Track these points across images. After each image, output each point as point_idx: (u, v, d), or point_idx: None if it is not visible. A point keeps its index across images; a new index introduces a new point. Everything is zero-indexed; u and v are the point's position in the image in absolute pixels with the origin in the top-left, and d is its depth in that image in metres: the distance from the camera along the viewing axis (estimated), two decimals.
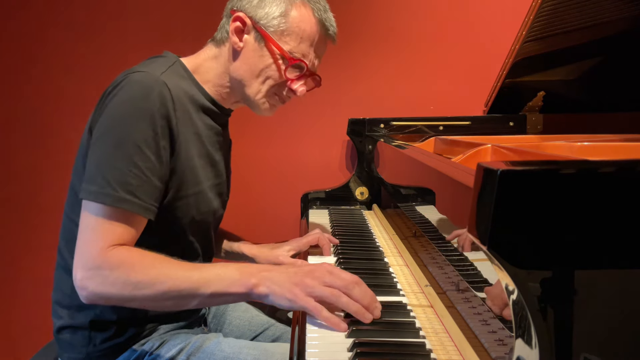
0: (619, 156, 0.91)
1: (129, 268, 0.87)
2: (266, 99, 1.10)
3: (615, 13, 1.34)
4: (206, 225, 1.12)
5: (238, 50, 1.07)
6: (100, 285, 0.87)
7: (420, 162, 1.05)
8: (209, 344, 1.04)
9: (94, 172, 0.91)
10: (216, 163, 1.14)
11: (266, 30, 1.05)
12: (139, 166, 0.91)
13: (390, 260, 1.15)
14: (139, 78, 0.95)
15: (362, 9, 1.83)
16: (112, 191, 0.89)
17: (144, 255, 0.90)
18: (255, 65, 1.06)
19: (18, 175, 1.89)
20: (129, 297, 0.88)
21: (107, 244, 0.88)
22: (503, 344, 0.63)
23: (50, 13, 1.84)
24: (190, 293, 0.87)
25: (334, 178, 1.85)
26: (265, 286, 0.85)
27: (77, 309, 1.03)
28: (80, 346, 1.03)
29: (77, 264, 0.89)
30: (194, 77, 1.09)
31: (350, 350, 0.73)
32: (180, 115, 1.00)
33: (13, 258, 1.88)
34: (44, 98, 1.87)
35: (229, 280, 0.87)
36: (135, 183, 0.91)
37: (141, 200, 0.92)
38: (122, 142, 0.91)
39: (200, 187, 1.06)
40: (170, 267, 0.89)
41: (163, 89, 0.95)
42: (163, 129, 0.95)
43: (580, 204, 0.48)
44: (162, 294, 0.87)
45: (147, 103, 0.93)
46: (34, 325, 1.89)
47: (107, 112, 0.94)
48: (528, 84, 1.60)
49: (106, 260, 0.87)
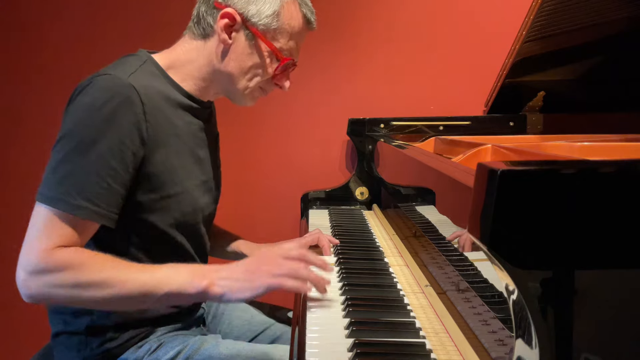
0: (619, 156, 0.91)
1: (77, 269, 0.85)
2: (252, 93, 1.11)
3: (615, 13, 1.34)
4: (194, 224, 1.09)
5: (226, 47, 1.04)
6: (44, 287, 0.86)
7: (420, 162, 1.05)
8: (207, 346, 1.04)
9: (51, 176, 0.89)
10: (201, 160, 1.11)
11: (257, 29, 1.04)
12: (99, 174, 0.89)
13: (390, 260, 1.15)
14: (104, 83, 0.92)
15: (362, 9, 1.83)
16: (68, 198, 0.87)
17: (92, 257, 0.88)
18: (244, 63, 1.05)
19: (18, 175, 1.89)
20: (76, 298, 0.87)
21: (51, 245, 0.86)
22: (503, 344, 0.63)
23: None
24: (140, 294, 0.87)
25: (334, 178, 1.85)
26: (218, 286, 0.87)
27: (72, 315, 1.01)
28: (77, 350, 1.02)
29: (20, 263, 0.87)
30: (167, 75, 1.05)
31: (350, 350, 0.73)
32: (151, 119, 0.96)
33: (12, 259, 1.88)
34: (42, 95, 1.87)
35: (180, 282, 0.87)
36: (95, 191, 0.88)
37: (100, 208, 0.89)
38: (84, 148, 0.88)
39: (180, 187, 1.03)
40: (121, 269, 0.88)
41: (131, 93, 0.92)
42: (130, 135, 0.92)
43: (580, 204, 0.48)
44: (111, 296, 0.86)
45: (111, 109, 0.90)
46: (32, 328, 1.89)
47: (70, 115, 0.92)
48: (528, 84, 1.60)
49: (51, 262, 0.85)
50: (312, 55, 1.83)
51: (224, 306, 1.32)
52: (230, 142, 1.85)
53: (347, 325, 0.81)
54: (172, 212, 1.02)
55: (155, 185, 0.98)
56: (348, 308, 0.86)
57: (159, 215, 1.00)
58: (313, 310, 0.88)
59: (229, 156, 1.85)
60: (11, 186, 1.90)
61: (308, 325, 0.82)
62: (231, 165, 1.87)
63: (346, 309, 0.86)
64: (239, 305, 1.33)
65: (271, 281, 0.87)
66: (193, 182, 1.07)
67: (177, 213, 1.02)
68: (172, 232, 1.03)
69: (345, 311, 0.86)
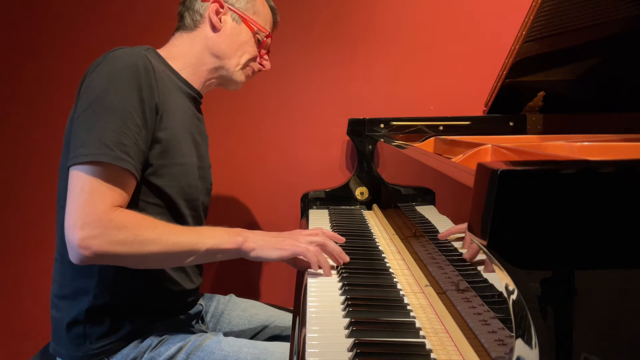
0: (619, 156, 0.91)
1: (135, 227, 0.93)
2: (242, 71, 1.25)
3: (615, 13, 1.34)
4: (196, 200, 1.16)
5: (218, 29, 1.20)
6: (107, 244, 0.91)
7: (420, 162, 1.05)
8: (209, 343, 1.04)
9: (86, 138, 0.94)
10: (198, 145, 1.19)
11: (242, 12, 1.22)
12: (130, 129, 0.96)
13: (390, 260, 1.15)
14: (121, 54, 1.01)
15: (363, 9, 1.83)
16: (109, 151, 0.93)
17: (145, 217, 0.97)
18: (235, 41, 1.21)
19: (17, 173, 1.89)
20: (135, 254, 0.93)
21: (109, 205, 0.92)
22: (503, 344, 0.63)
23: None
24: (189, 249, 0.97)
25: (334, 178, 1.85)
26: (251, 241, 0.99)
27: (72, 298, 1.04)
28: (77, 344, 1.03)
29: (76, 224, 0.90)
30: (168, 63, 1.17)
31: (350, 350, 0.73)
32: (161, 86, 1.05)
33: (12, 258, 1.88)
34: (43, 90, 1.87)
35: (220, 239, 0.99)
36: (129, 144, 0.95)
37: (134, 161, 0.96)
38: (112, 108, 0.95)
39: (185, 159, 1.11)
40: (171, 228, 0.98)
41: (145, 61, 1.01)
42: (148, 97, 1.00)
43: (580, 204, 0.48)
44: (165, 250, 0.95)
45: (131, 72, 0.98)
46: (32, 328, 1.89)
47: (92, 85, 0.98)
48: (528, 84, 1.60)
49: (113, 221, 0.91)
50: (313, 56, 1.83)
51: (223, 306, 1.32)
52: (230, 142, 1.86)
53: (347, 325, 0.81)
54: (179, 179, 1.09)
55: (165, 150, 1.05)
56: (348, 308, 0.86)
57: (166, 181, 1.06)
58: (313, 310, 0.88)
59: (229, 156, 1.86)
60: (10, 185, 1.90)
61: (308, 325, 0.82)
62: (231, 165, 1.87)
63: (346, 308, 0.86)
64: (239, 304, 1.33)
65: (297, 249, 1.00)
66: (192, 160, 1.14)
67: (183, 182, 1.10)
68: (179, 204, 1.09)
69: (345, 311, 0.86)
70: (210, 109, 1.82)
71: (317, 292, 0.95)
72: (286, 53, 1.81)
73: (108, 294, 1.03)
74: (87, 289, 1.02)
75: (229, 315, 1.30)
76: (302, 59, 1.84)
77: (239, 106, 1.84)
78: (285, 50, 1.81)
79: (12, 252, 1.88)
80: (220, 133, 1.82)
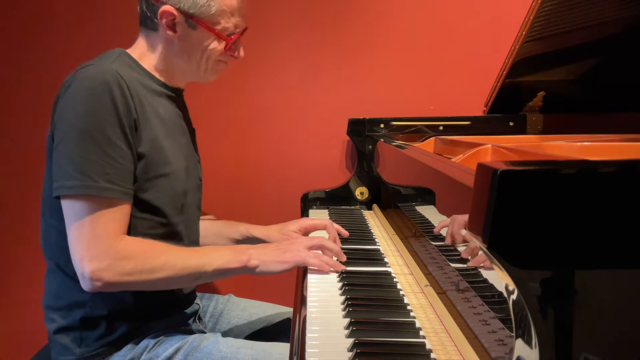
0: (619, 156, 0.91)
1: (143, 257, 0.95)
2: (212, 70, 1.16)
3: (615, 13, 1.34)
4: (186, 204, 1.14)
5: (175, 36, 1.09)
6: (117, 275, 0.93)
7: (420, 162, 1.05)
8: (207, 343, 1.04)
9: (68, 169, 0.93)
10: (182, 146, 1.16)
11: (198, 18, 1.08)
12: (111, 155, 0.95)
13: (390, 260, 1.15)
14: (90, 73, 0.98)
15: (363, 9, 1.83)
16: (93, 183, 0.93)
17: (152, 244, 0.99)
18: (194, 50, 1.11)
19: (13, 177, 1.89)
20: (145, 282, 0.96)
21: (113, 236, 0.94)
22: (503, 344, 0.63)
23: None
24: (196, 271, 0.99)
25: (334, 178, 1.85)
26: (255, 259, 1.01)
27: (67, 309, 1.04)
28: (73, 347, 1.03)
29: (84, 257, 0.92)
30: (140, 65, 1.12)
31: (350, 350, 0.73)
32: (136, 100, 1.02)
33: (8, 260, 1.88)
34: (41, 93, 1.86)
35: (225, 258, 1.01)
36: (112, 171, 0.95)
37: (120, 187, 0.96)
38: (90, 135, 0.94)
39: (171, 167, 1.09)
40: (177, 252, 1.00)
41: (116, 76, 0.98)
42: (126, 116, 0.98)
43: (580, 204, 0.48)
44: (174, 275, 0.97)
45: (104, 93, 0.96)
46: (32, 328, 1.89)
47: (66, 110, 0.96)
48: (528, 84, 1.60)
49: (119, 252, 0.94)
50: (313, 56, 1.83)
51: (222, 306, 1.32)
52: (230, 142, 1.86)
53: (347, 325, 0.81)
54: (165, 191, 1.07)
55: (147, 165, 1.03)
56: (348, 308, 0.86)
57: (153, 195, 1.05)
58: (313, 310, 0.88)
59: (229, 156, 1.86)
60: (6, 188, 1.90)
61: (308, 325, 0.82)
62: (231, 165, 1.87)
63: (346, 308, 0.86)
64: (238, 304, 1.33)
65: (297, 258, 1.03)
66: (178, 164, 1.12)
67: (170, 193, 1.08)
68: (168, 215, 1.08)
69: (345, 311, 0.86)
70: (211, 108, 1.83)
71: (317, 292, 0.95)
72: (286, 53, 1.81)
73: (104, 304, 1.03)
74: (83, 302, 1.03)
75: (228, 315, 1.30)
76: (302, 59, 1.84)
77: (239, 106, 1.84)
78: (285, 51, 1.81)
79: (7, 254, 1.88)
80: (220, 133, 1.82)
